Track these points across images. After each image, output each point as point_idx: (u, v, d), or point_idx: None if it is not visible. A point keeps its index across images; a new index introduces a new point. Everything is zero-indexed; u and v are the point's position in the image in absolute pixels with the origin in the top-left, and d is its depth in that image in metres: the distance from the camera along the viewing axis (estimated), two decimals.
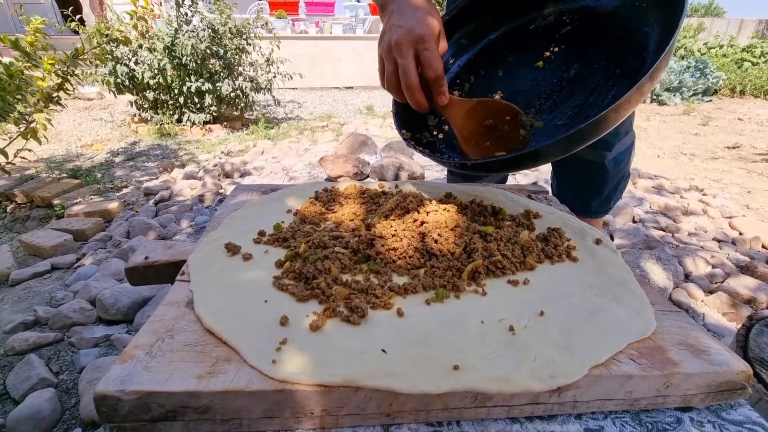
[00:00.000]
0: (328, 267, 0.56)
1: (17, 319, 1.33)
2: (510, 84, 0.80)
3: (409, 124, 0.81)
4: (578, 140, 0.58)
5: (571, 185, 1.21)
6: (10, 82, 1.78)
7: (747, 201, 2.44)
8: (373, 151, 3.10)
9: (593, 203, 1.20)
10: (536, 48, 0.81)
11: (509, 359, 0.43)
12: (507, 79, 0.82)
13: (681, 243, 1.89)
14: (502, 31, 0.86)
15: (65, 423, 1.01)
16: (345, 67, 6.70)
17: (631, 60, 0.65)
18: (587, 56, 0.73)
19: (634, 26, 0.67)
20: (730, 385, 0.45)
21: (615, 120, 0.56)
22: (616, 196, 1.22)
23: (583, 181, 1.17)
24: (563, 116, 0.69)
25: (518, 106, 0.70)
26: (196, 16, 3.78)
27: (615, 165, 1.11)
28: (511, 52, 0.84)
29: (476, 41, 0.88)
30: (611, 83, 0.67)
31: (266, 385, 0.40)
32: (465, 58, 0.88)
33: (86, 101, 5.14)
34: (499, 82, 0.82)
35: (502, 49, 0.85)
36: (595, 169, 1.12)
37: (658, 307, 0.54)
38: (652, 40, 0.64)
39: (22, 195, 2.30)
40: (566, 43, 0.77)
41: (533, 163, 0.66)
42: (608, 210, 1.24)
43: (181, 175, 2.75)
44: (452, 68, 0.89)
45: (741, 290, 1.47)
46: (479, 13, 0.85)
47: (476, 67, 0.87)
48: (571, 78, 0.73)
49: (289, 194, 0.84)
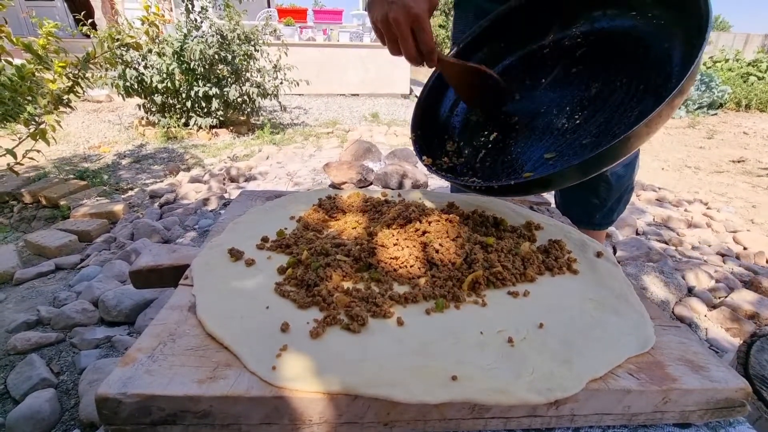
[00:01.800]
0: (330, 274, 0.57)
1: (20, 318, 1.34)
2: (528, 106, 0.81)
3: (429, 150, 0.82)
4: (610, 158, 0.57)
5: (575, 198, 1.21)
6: (21, 83, 1.81)
7: (751, 215, 2.43)
8: (378, 158, 3.12)
9: (596, 216, 1.20)
10: (553, 69, 0.81)
11: (507, 371, 0.43)
12: (525, 102, 0.82)
13: (684, 256, 1.88)
14: (518, 55, 0.86)
15: (64, 424, 1.01)
16: (351, 75, 6.75)
17: (654, 76, 0.65)
18: (607, 75, 0.73)
19: (652, 43, 0.67)
20: (728, 403, 0.45)
21: (647, 135, 0.56)
22: (620, 209, 1.22)
23: (587, 194, 1.17)
24: (588, 135, 0.68)
25: (538, 128, 0.73)
26: (205, 22, 3.83)
27: (618, 178, 1.11)
28: (527, 76, 0.84)
29: (491, 66, 0.88)
30: (636, 100, 0.66)
31: (266, 391, 0.40)
32: None
33: (95, 104, 5.21)
34: (517, 106, 0.82)
35: (518, 73, 0.86)
36: (598, 182, 1.12)
37: (658, 321, 0.54)
38: (675, 55, 0.63)
39: (29, 195, 2.32)
40: (584, 63, 0.77)
41: (562, 182, 0.65)
42: (611, 223, 1.24)
43: (187, 179, 2.77)
44: None
45: (744, 305, 1.46)
46: (492, 40, 0.86)
47: None
48: (592, 97, 0.73)
49: (293, 201, 0.85)
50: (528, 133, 0.76)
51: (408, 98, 6.81)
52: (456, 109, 0.92)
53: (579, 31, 0.79)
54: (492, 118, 0.85)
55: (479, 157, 0.81)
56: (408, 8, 0.64)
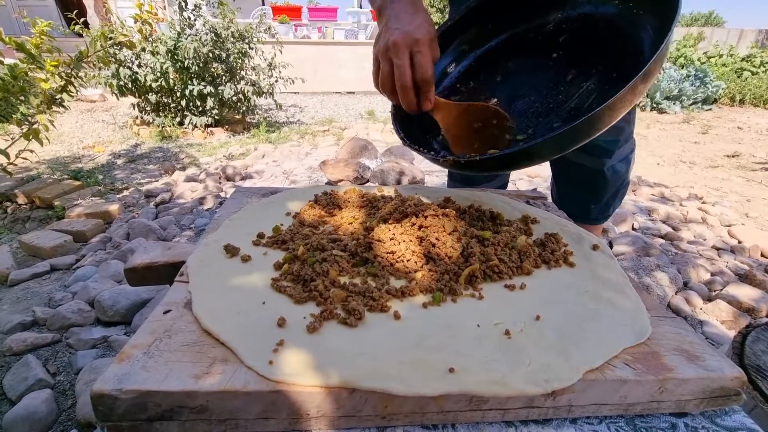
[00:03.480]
0: (326, 269, 0.57)
1: (15, 319, 1.33)
2: (508, 89, 0.82)
3: (408, 128, 0.82)
4: (572, 139, 0.59)
5: (571, 192, 1.22)
6: (13, 83, 1.79)
7: (746, 209, 2.44)
8: (374, 155, 3.11)
9: (592, 210, 1.20)
10: (535, 54, 0.82)
11: (505, 363, 0.43)
12: (505, 85, 0.83)
13: (680, 251, 1.89)
14: (502, 38, 0.87)
15: (61, 424, 1.01)
16: (346, 72, 6.74)
17: (629, 64, 0.66)
18: (585, 62, 0.74)
19: (630, 33, 0.69)
20: (724, 391, 0.45)
21: (609, 119, 0.57)
22: (615, 204, 1.23)
23: (583, 188, 1.18)
24: (559, 119, 0.70)
25: (515, 110, 0.70)
26: (199, 20, 3.81)
27: (614, 172, 1.12)
28: (509, 59, 0.85)
29: (476, 47, 0.89)
30: (607, 87, 0.68)
31: (263, 385, 0.40)
32: (465, 63, 0.90)
33: (89, 103, 5.17)
34: (497, 88, 0.83)
35: (502, 56, 0.87)
36: (594, 176, 1.12)
37: (654, 312, 0.54)
38: (647, 44, 0.65)
39: (23, 196, 2.31)
40: (564, 49, 0.79)
41: (528, 162, 0.66)
42: (607, 217, 1.25)
43: (182, 178, 2.76)
44: (453, 73, 0.90)
45: (740, 298, 1.47)
46: (480, 21, 0.87)
47: (476, 73, 0.88)
48: (567, 83, 0.74)
49: (289, 197, 0.85)
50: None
51: None
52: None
53: (564, 16, 0.80)
54: (471, 99, 0.85)
55: None
56: (408, 32, 0.65)
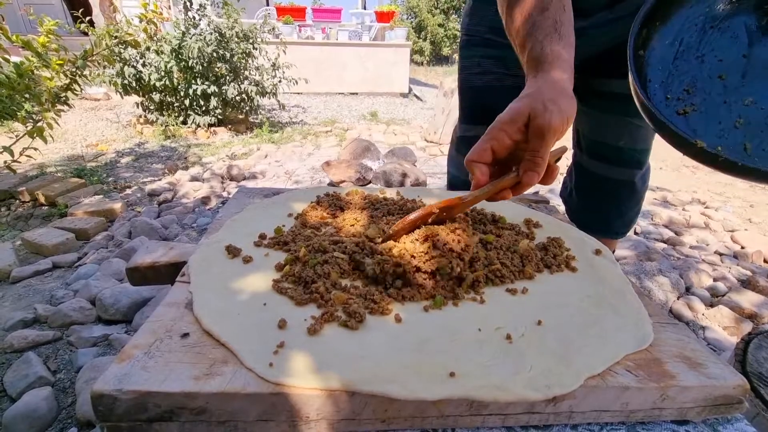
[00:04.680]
0: (328, 271, 0.57)
1: (17, 316, 1.33)
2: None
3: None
4: None
5: (595, 205, 1.14)
6: (19, 81, 1.80)
7: (749, 215, 2.43)
8: (376, 156, 3.12)
9: (615, 224, 1.14)
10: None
11: (505, 368, 0.43)
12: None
13: (683, 256, 1.88)
14: None
15: (61, 422, 1.01)
16: (350, 73, 6.75)
17: None
18: None
19: None
20: (726, 399, 0.45)
21: None
22: (636, 218, 1.16)
23: (609, 201, 1.11)
24: None
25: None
26: (203, 20, 3.82)
27: (643, 183, 1.07)
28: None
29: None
30: None
31: (263, 387, 0.40)
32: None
33: (93, 101, 5.19)
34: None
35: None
36: (623, 188, 1.06)
37: (656, 319, 0.54)
38: None
39: (27, 193, 2.32)
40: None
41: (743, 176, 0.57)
42: (628, 231, 1.17)
43: (185, 177, 2.77)
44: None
45: (742, 304, 1.46)
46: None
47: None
48: None
49: (291, 198, 0.85)
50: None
51: (407, 97, 6.80)
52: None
53: None
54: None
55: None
56: (569, 119, 0.53)
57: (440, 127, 3.84)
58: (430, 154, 3.60)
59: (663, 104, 0.62)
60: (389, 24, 7.31)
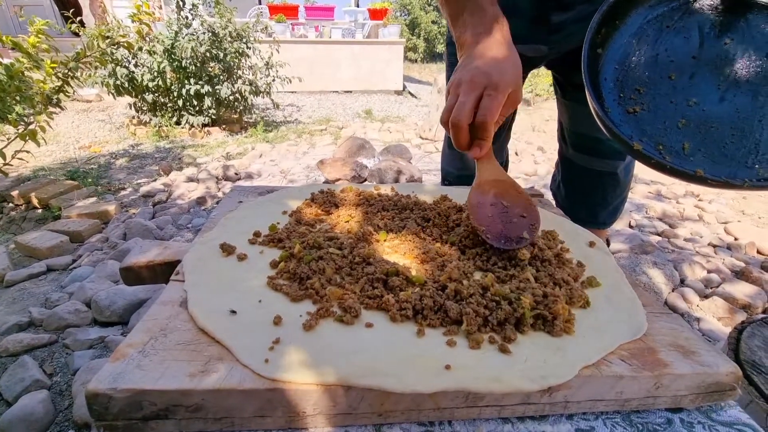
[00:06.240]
0: (323, 267, 0.57)
1: (11, 320, 1.32)
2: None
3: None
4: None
5: (581, 197, 1.18)
6: (10, 83, 1.78)
7: (742, 207, 2.45)
8: (371, 154, 3.11)
9: (601, 214, 1.17)
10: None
11: (501, 359, 0.43)
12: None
13: (677, 248, 1.89)
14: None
15: (58, 425, 1.00)
16: (344, 72, 6.73)
17: None
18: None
19: None
20: (719, 387, 0.45)
21: None
22: (622, 207, 1.20)
23: (594, 192, 1.14)
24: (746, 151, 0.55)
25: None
26: (196, 20, 3.80)
27: (626, 174, 1.09)
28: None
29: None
30: None
31: (258, 383, 0.40)
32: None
33: (85, 103, 5.15)
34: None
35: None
36: (607, 179, 1.09)
37: (650, 309, 0.54)
38: None
39: (19, 196, 2.30)
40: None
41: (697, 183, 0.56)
42: (614, 221, 1.21)
43: (180, 178, 2.75)
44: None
45: (737, 295, 1.47)
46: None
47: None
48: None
49: (286, 196, 0.84)
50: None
51: (401, 95, 6.80)
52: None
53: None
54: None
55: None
56: (486, 73, 0.59)
57: (435, 124, 3.84)
58: (425, 151, 3.60)
59: (615, 103, 0.63)
60: (382, 21, 7.29)
